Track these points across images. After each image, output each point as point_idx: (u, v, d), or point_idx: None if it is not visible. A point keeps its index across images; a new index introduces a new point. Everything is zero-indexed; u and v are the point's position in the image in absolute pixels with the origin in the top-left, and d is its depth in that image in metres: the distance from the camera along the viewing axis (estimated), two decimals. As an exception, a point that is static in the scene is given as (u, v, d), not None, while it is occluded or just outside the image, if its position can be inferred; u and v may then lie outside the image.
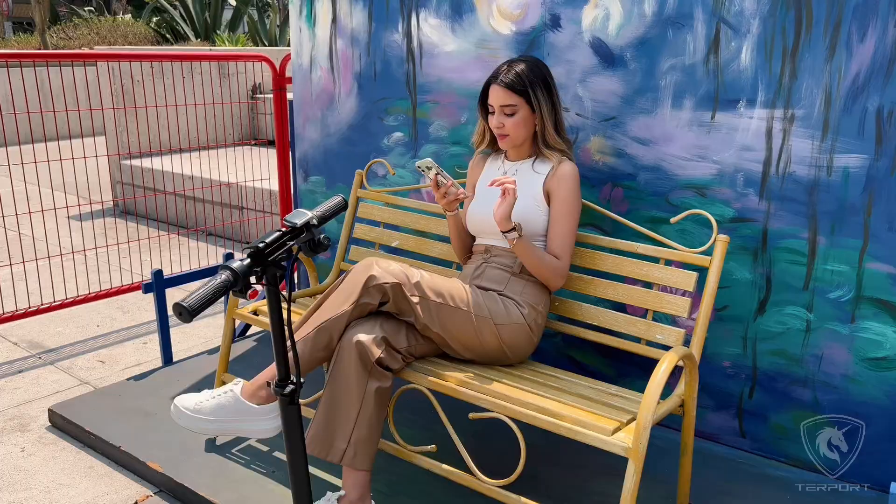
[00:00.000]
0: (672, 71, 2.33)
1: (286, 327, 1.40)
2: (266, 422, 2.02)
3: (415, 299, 2.04)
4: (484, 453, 2.24)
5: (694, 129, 2.33)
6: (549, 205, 2.24)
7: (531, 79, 2.19)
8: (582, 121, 2.53)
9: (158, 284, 3.13)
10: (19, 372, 3.29)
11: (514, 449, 1.95)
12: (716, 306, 2.39)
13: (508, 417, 1.94)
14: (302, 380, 1.47)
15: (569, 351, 2.73)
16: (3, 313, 3.49)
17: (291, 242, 1.38)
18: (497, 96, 2.20)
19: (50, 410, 2.81)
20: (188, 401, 2.03)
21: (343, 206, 1.54)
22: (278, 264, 1.35)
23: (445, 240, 2.62)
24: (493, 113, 2.24)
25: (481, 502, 2.12)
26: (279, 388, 1.44)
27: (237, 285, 1.27)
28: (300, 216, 1.39)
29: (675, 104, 2.35)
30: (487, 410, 1.99)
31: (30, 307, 3.56)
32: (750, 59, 2.21)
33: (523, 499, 1.92)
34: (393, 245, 2.80)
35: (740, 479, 2.33)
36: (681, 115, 2.34)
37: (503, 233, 2.10)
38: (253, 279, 1.31)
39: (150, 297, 3.51)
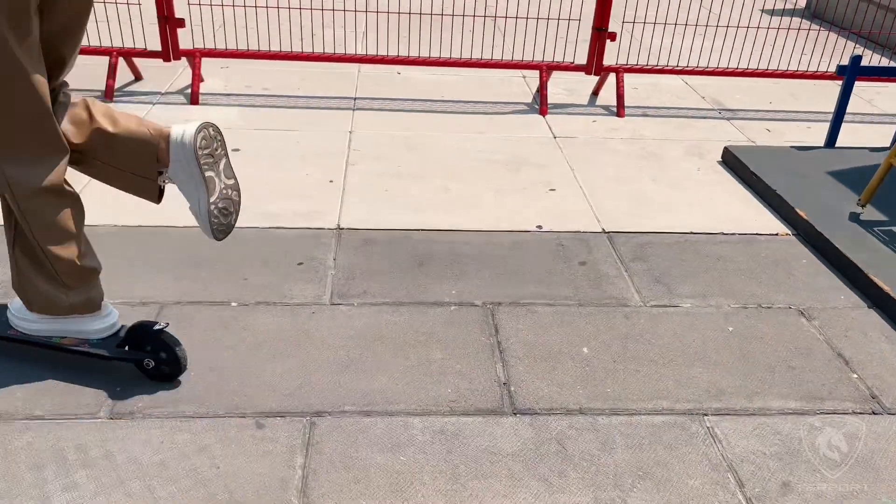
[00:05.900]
0: None
1: None
2: None
3: None
4: None
5: None
6: None
7: None
8: None
9: (852, 71, 3.29)
10: (703, 118, 3.96)
11: None
12: None
13: None
14: None
15: None
16: (690, 67, 4.13)
17: None
18: None
19: (725, 148, 3.40)
20: None
21: None
22: None
23: None
24: None
25: None
26: None
27: None
28: None
29: None
30: None
31: (710, 67, 4.13)
32: None
33: None
34: None
35: None
36: None
37: None
38: None
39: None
